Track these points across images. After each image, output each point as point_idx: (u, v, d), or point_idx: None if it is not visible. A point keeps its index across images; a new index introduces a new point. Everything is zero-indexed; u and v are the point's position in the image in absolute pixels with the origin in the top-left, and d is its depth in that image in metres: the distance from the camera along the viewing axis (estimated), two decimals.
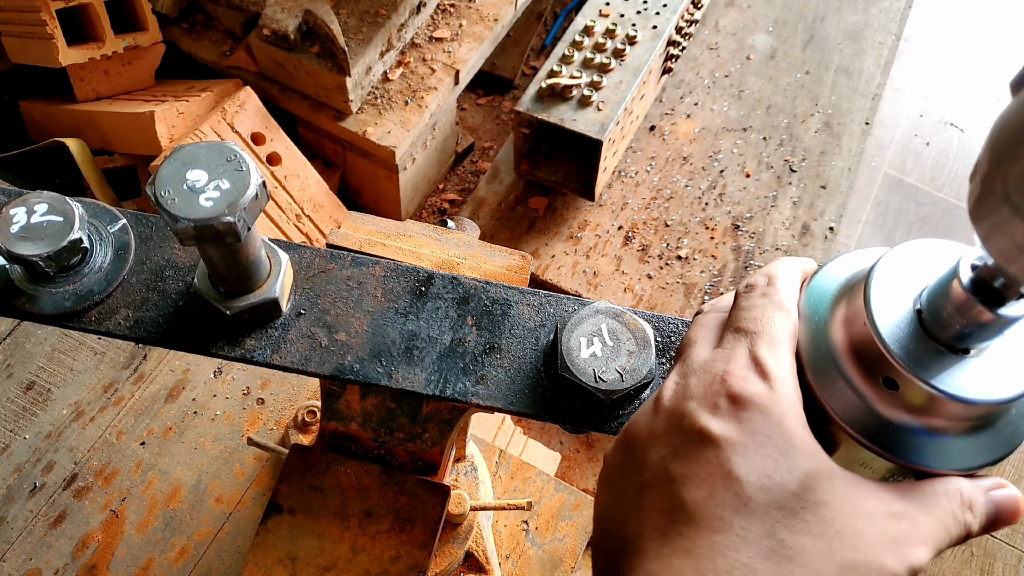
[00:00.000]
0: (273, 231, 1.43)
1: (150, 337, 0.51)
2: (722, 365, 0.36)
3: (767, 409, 0.35)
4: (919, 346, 0.34)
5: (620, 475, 0.38)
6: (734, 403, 0.35)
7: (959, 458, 0.36)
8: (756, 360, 0.36)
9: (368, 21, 1.46)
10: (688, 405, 0.36)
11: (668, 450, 0.36)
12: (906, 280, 0.36)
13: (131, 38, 1.43)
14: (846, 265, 0.40)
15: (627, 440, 0.39)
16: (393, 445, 0.61)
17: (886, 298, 0.36)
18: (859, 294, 0.36)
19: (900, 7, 1.90)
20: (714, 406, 0.35)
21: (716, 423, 0.35)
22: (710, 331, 0.40)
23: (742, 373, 0.36)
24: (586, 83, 1.44)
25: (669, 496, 0.34)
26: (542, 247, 1.56)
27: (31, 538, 0.90)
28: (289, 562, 0.58)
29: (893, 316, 0.35)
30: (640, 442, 0.37)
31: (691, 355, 0.39)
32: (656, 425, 0.37)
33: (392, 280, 0.55)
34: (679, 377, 0.38)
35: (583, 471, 1.40)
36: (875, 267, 0.37)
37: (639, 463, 0.37)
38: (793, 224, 1.59)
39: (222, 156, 0.43)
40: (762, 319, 0.38)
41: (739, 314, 0.39)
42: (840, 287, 0.39)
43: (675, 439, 0.36)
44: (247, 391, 1.00)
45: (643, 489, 0.36)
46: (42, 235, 0.49)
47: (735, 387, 0.35)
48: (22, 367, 1.00)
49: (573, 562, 1.00)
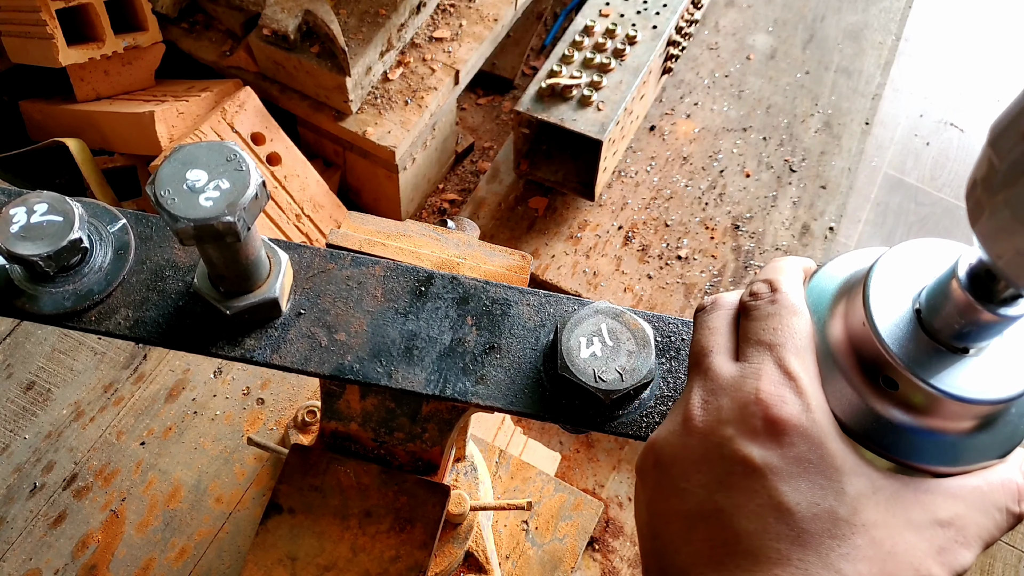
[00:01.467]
0: (273, 231, 1.43)
1: (150, 337, 0.51)
2: (753, 383, 0.36)
3: (807, 432, 0.34)
4: (918, 346, 0.34)
5: (660, 499, 0.38)
6: (773, 427, 0.34)
7: (959, 457, 0.36)
8: (788, 375, 0.36)
9: (368, 21, 1.46)
10: (725, 431, 0.35)
11: (710, 478, 0.35)
12: (905, 280, 0.36)
13: (131, 38, 1.43)
14: (845, 265, 0.40)
15: (658, 460, 0.38)
16: (393, 445, 0.61)
17: (885, 298, 0.36)
18: (858, 294, 0.36)
19: (900, 7, 1.90)
20: (753, 431, 0.35)
21: (758, 451, 0.34)
22: (723, 337, 0.40)
23: (777, 392, 0.35)
24: (586, 83, 1.44)
25: (720, 528, 0.34)
26: (542, 247, 1.56)
27: (31, 538, 0.90)
28: (289, 562, 0.58)
29: (892, 316, 0.35)
30: (676, 465, 0.37)
31: (713, 368, 0.38)
32: (691, 448, 0.37)
33: (392, 280, 0.55)
34: (707, 395, 0.37)
35: (583, 471, 1.40)
36: (874, 267, 0.36)
37: (679, 489, 0.36)
38: (793, 224, 1.59)
39: (222, 156, 0.43)
40: (781, 328, 0.37)
41: (755, 325, 0.38)
42: (839, 287, 0.39)
43: (717, 467, 0.35)
44: (247, 391, 1.00)
45: (691, 519, 0.35)
46: (42, 235, 0.49)
47: (773, 411, 0.35)
48: (22, 367, 1.00)
49: (573, 562, 1.00)
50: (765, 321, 0.38)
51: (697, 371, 0.39)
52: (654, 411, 0.51)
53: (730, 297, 0.42)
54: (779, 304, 0.38)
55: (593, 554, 1.24)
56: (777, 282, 0.40)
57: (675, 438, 0.38)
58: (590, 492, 1.36)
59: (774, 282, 0.40)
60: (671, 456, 0.37)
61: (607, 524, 1.30)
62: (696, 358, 0.40)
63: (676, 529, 0.36)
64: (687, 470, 0.36)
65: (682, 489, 0.36)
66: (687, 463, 0.36)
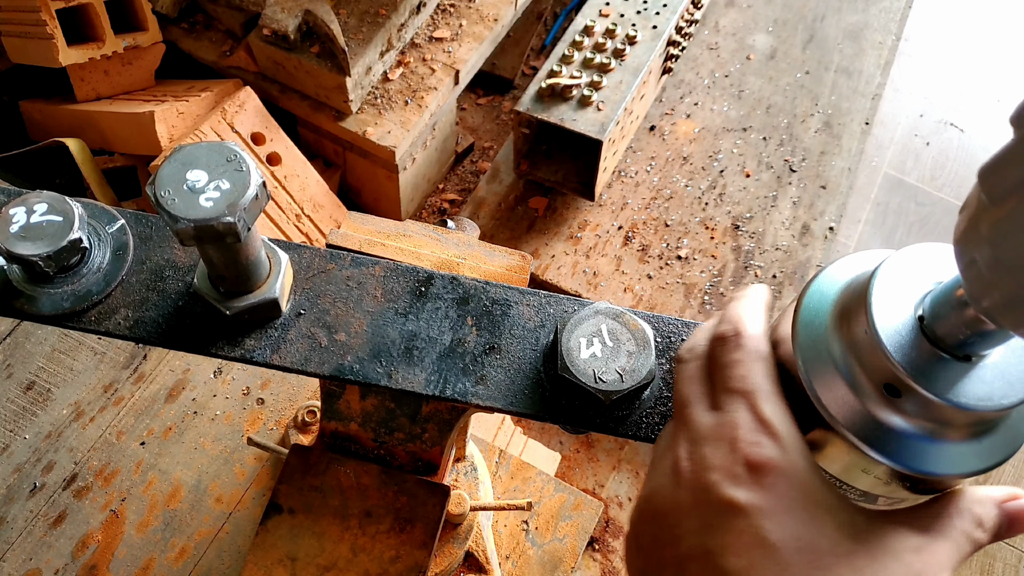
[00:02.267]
0: (273, 231, 1.43)
1: (150, 337, 0.51)
2: (730, 432, 0.38)
3: (785, 471, 0.36)
4: (921, 353, 0.34)
5: (655, 546, 0.39)
6: (754, 471, 0.36)
7: (961, 463, 0.36)
8: (761, 421, 0.37)
9: (368, 21, 1.46)
10: (710, 477, 0.37)
11: (699, 523, 0.37)
12: (908, 286, 0.36)
13: (131, 38, 1.43)
14: (846, 268, 0.40)
15: (653, 512, 0.40)
16: (393, 445, 0.61)
17: (887, 304, 0.36)
18: (860, 300, 0.36)
19: (900, 7, 1.90)
20: (735, 476, 0.36)
21: (741, 493, 0.36)
22: (699, 386, 0.42)
23: (753, 438, 0.37)
24: (586, 83, 1.44)
25: (711, 568, 0.36)
26: (542, 247, 1.56)
27: (31, 538, 0.90)
28: (289, 562, 0.58)
29: (895, 322, 0.35)
30: (669, 515, 0.39)
31: (693, 420, 0.40)
32: (681, 498, 0.38)
33: (392, 280, 0.55)
34: (690, 445, 0.39)
35: (583, 471, 1.40)
36: (876, 272, 0.36)
37: (672, 536, 0.38)
38: (793, 224, 1.59)
39: (222, 156, 0.43)
40: (749, 376, 0.39)
41: (724, 373, 0.40)
42: (840, 291, 0.39)
43: (705, 512, 0.37)
44: (247, 391, 1.00)
45: (683, 561, 0.37)
46: (41, 235, 0.49)
47: (752, 455, 0.37)
48: (22, 367, 1.00)
49: (573, 562, 1.00)
50: (733, 369, 0.40)
51: (680, 422, 0.41)
52: (654, 411, 0.51)
53: (700, 343, 0.44)
54: (744, 350, 0.40)
55: (593, 554, 1.24)
56: (739, 324, 0.41)
57: (666, 491, 0.40)
58: (590, 492, 1.36)
59: (736, 325, 0.41)
60: (663, 507, 0.39)
61: (607, 524, 1.30)
62: (678, 409, 0.42)
63: (670, 573, 0.38)
64: (679, 518, 0.38)
65: (675, 536, 0.38)
66: (679, 512, 0.38)
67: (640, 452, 1.42)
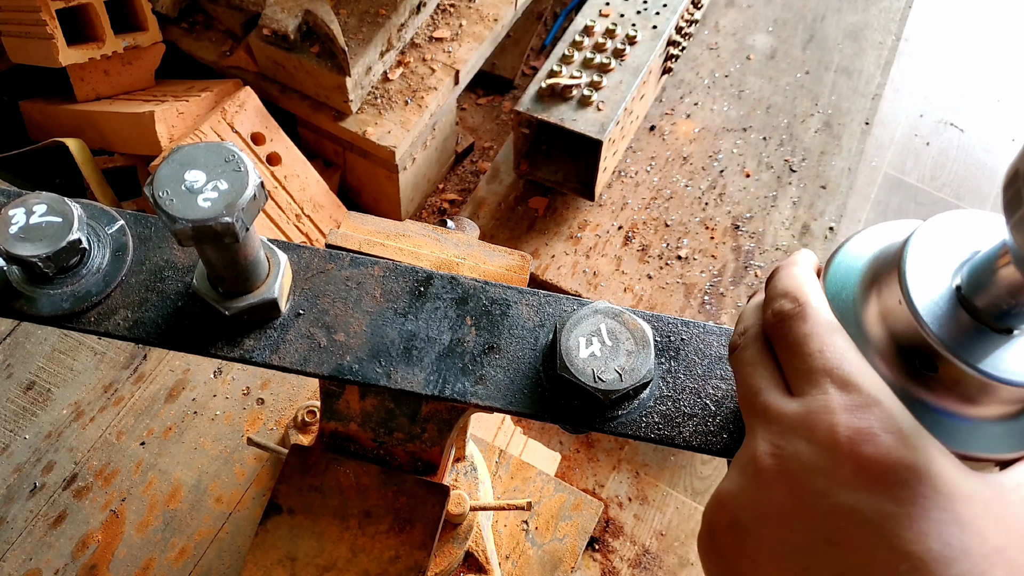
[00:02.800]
0: (273, 231, 1.43)
1: (149, 338, 0.51)
2: (826, 419, 0.31)
3: (910, 464, 0.30)
4: (959, 325, 0.32)
5: (749, 567, 0.33)
6: (870, 469, 0.30)
7: (997, 444, 0.33)
8: (862, 403, 0.31)
9: (368, 21, 1.46)
10: (816, 483, 0.31)
11: (814, 538, 0.31)
12: (943, 255, 0.33)
13: (131, 38, 1.43)
14: (870, 241, 0.38)
15: (735, 520, 0.34)
16: (392, 445, 0.61)
17: (922, 274, 0.33)
18: (893, 269, 0.33)
19: (900, 7, 1.90)
20: (849, 478, 0.30)
21: (864, 499, 0.30)
22: (767, 370, 0.36)
23: (859, 426, 0.31)
24: (586, 83, 1.44)
25: None
26: (542, 247, 1.56)
27: (31, 538, 0.90)
28: (288, 562, 0.58)
29: (930, 293, 0.32)
30: (763, 526, 0.32)
31: (771, 409, 0.34)
32: (776, 504, 0.32)
33: (391, 280, 0.55)
34: (776, 439, 0.33)
35: (583, 471, 1.40)
36: (909, 240, 0.34)
37: (775, 553, 0.32)
38: (793, 224, 1.59)
39: (220, 156, 0.43)
40: (827, 349, 0.33)
41: (797, 351, 0.34)
42: (868, 264, 0.37)
43: (818, 524, 0.31)
44: (247, 391, 1.00)
45: None
46: (41, 236, 0.49)
47: (863, 449, 0.30)
48: (22, 367, 1.00)
49: (573, 562, 1.00)
50: (806, 345, 0.34)
51: (753, 414, 0.35)
52: (653, 411, 0.51)
53: (753, 324, 0.39)
54: (812, 322, 0.34)
55: (593, 554, 1.24)
56: (801, 295, 0.36)
57: (751, 494, 0.33)
58: (590, 492, 1.36)
59: (796, 295, 0.36)
60: (751, 515, 0.33)
61: (607, 524, 1.30)
62: (747, 400, 0.36)
63: None
64: (780, 531, 0.32)
65: (778, 554, 0.32)
66: (776, 522, 0.32)
67: (640, 452, 1.42)
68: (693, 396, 0.51)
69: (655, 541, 1.29)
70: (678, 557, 1.28)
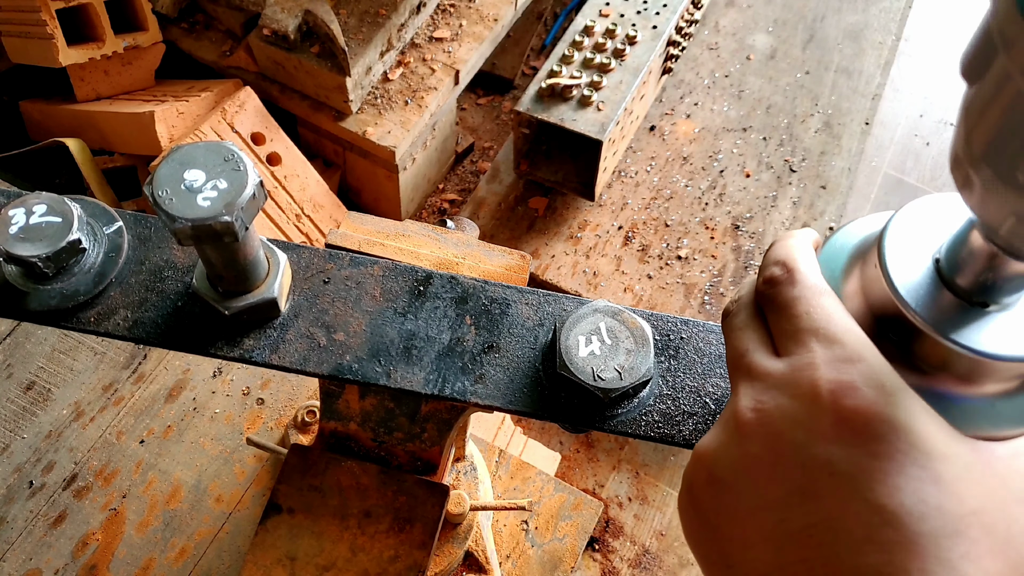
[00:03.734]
0: (273, 231, 1.43)
1: (149, 337, 0.51)
2: (808, 375, 0.31)
3: (889, 418, 0.30)
4: (934, 297, 0.32)
5: (729, 520, 0.33)
6: (850, 421, 0.30)
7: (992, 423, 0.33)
8: (843, 358, 0.31)
9: (368, 21, 1.46)
10: (795, 435, 0.31)
11: (789, 490, 0.31)
12: (923, 234, 0.34)
13: (131, 38, 1.43)
14: (856, 230, 0.38)
15: (713, 475, 0.34)
16: (392, 445, 0.61)
17: (902, 253, 0.33)
18: (873, 253, 0.34)
19: (900, 7, 1.90)
20: (827, 430, 0.30)
21: (840, 451, 0.30)
22: (755, 333, 0.36)
23: (841, 379, 0.31)
24: (586, 83, 1.44)
25: (817, 547, 0.29)
26: (542, 247, 1.56)
27: (31, 538, 0.90)
28: (288, 562, 0.58)
29: (911, 272, 0.33)
30: (741, 479, 0.32)
31: (755, 367, 0.34)
32: (755, 457, 0.32)
33: (391, 280, 0.55)
34: (758, 395, 0.33)
35: (583, 471, 1.40)
36: (889, 223, 0.34)
37: (752, 506, 0.32)
38: (793, 224, 1.58)
39: (220, 156, 0.43)
40: (815, 311, 0.33)
41: (785, 313, 0.35)
42: (852, 251, 0.37)
43: (794, 476, 0.31)
44: (247, 391, 1.00)
45: (776, 541, 0.31)
46: (41, 236, 0.49)
47: (844, 401, 0.30)
48: (22, 367, 1.00)
49: (573, 562, 1.00)
50: (794, 307, 0.34)
51: (738, 374, 0.35)
52: (653, 409, 0.51)
53: (747, 292, 0.39)
54: (801, 285, 0.35)
55: (593, 554, 1.24)
56: (791, 262, 0.36)
57: (730, 449, 0.33)
58: (590, 492, 1.36)
59: (787, 263, 0.36)
60: (730, 469, 0.33)
61: (607, 524, 1.30)
62: (734, 362, 0.36)
63: (760, 554, 0.31)
64: (757, 484, 0.32)
65: (754, 506, 0.32)
66: (754, 476, 0.32)
67: (640, 452, 1.42)
68: (692, 395, 0.51)
69: (655, 541, 1.29)
70: (678, 557, 1.28)
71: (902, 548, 0.28)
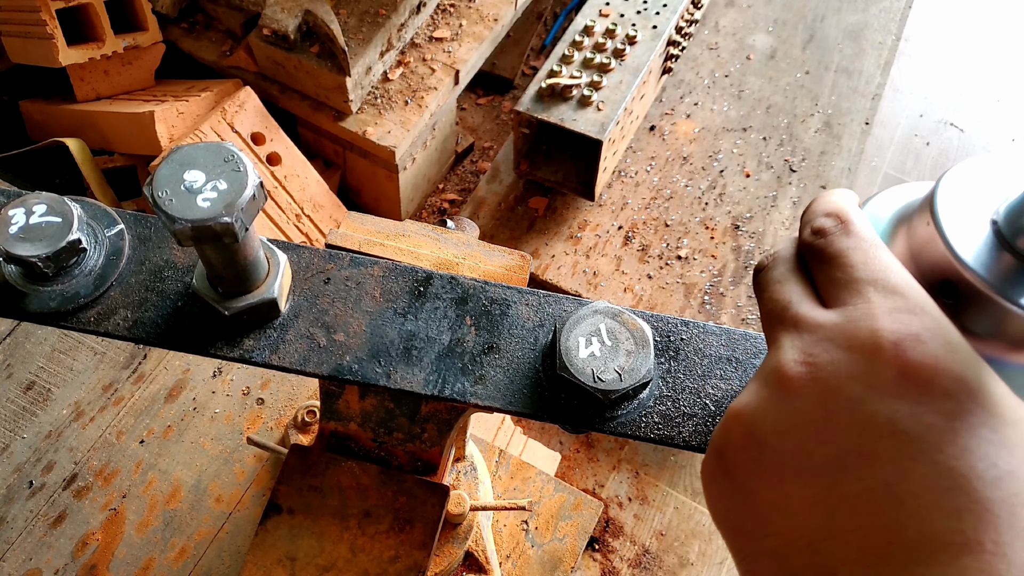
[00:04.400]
0: (273, 231, 1.43)
1: (149, 337, 0.51)
2: (868, 325, 0.28)
3: (959, 374, 0.27)
4: (999, 263, 0.30)
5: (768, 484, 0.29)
6: (915, 375, 0.27)
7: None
8: (909, 308, 0.28)
9: (368, 21, 1.46)
10: (851, 389, 0.28)
11: (843, 450, 0.28)
12: (977, 195, 0.32)
13: (131, 38, 1.43)
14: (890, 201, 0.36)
15: (752, 434, 0.30)
16: (392, 445, 0.61)
17: (956, 215, 0.31)
18: (924, 215, 0.32)
19: (900, 7, 1.90)
20: (889, 385, 0.27)
21: (906, 408, 0.27)
22: (799, 285, 0.33)
23: (906, 330, 0.28)
24: (586, 83, 1.44)
25: (875, 513, 0.27)
26: (542, 247, 1.56)
27: (31, 538, 0.90)
28: (288, 562, 0.58)
29: (967, 232, 0.31)
30: (786, 439, 0.29)
31: (804, 318, 0.31)
32: (802, 415, 0.29)
33: (391, 280, 0.55)
34: (807, 347, 0.30)
35: (583, 471, 1.40)
36: (941, 181, 0.32)
37: (799, 468, 0.29)
38: (793, 224, 1.59)
39: (220, 156, 0.43)
40: (871, 261, 0.30)
41: (838, 262, 0.31)
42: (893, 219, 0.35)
43: (850, 436, 0.28)
44: (247, 391, 1.00)
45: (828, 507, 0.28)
46: (41, 236, 0.49)
47: (910, 354, 0.27)
48: (22, 367, 1.00)
49: (573, 562, 1.00)
50: (848, 257, 0.31)
51: (782, 327, 0.32)
52: (653, 411, 0.51)
53: (785, 247, 0.36)
54: (856, 236, 0.32)
55: (593, 554, 1.24)
56: (843, 213, 0.33)
57: (772, 405, 0.30)
58: (590, 492, 1.36)
59: (840, 214, 0.33)
60: (773, 429, 0.30)
61: (607, 524, 1.30)
62: (775, 315, 0.33)
63: (806, 521, 0.28)
64: (805, 444, 0.28)
65: (801, 469, 0.28)
66: (802, 435, 0.29)
67: (640, 452, 1.42)
68: (693, 396, 0.51)
69: (655, 541, 1.29)
70: (678, 557, 1.28)
71: (974, 515, 0.25)
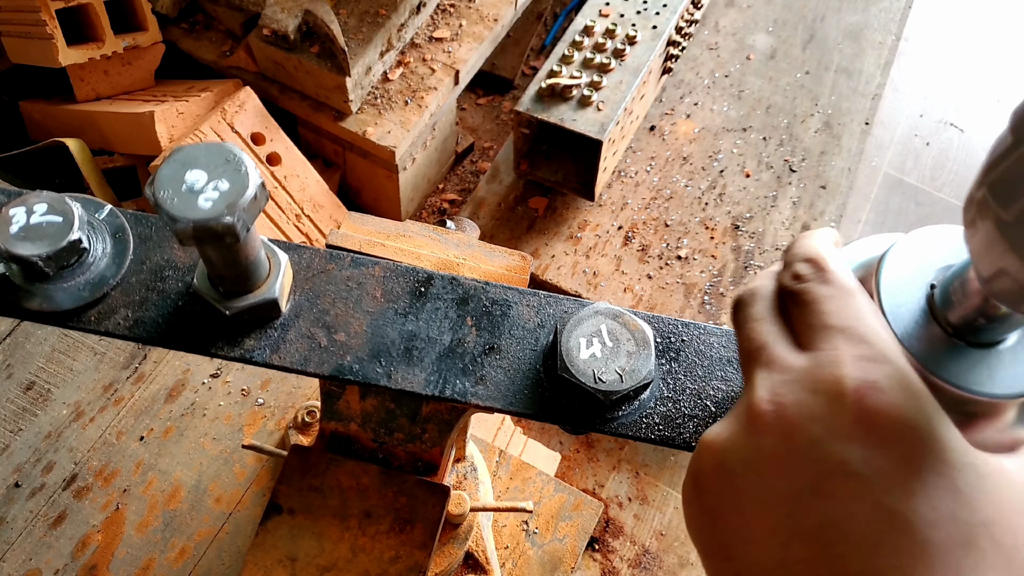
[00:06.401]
0: (273, 231, 1.43)
1: (149, 337, 0.51)
2: (833, 371, 0.31)
3: (911, 423, 0.29)
4: (927, 334, 0.32)
5: (732, 512, 0.32)
6: (870, 421, 0.29)
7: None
8: (874, 357, 0.30)
9: (368, 21, 1.46)
10: (811, 430, 0.30)
11: (799, 486, 0.30)
12: (920, 269, 0.34)
13: (131, 38, 1.43)
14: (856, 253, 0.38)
15: (722, 465, 0.33)
16: (393, 445, 0.61)
17: (898, 289, 0.33)
18: (871, 278, 0.34)
19: (900, 7, 1.90)
20: (846, 428, 0.29)
21: (858, 451, 0.29)
22: (775, 326, 0.35)
23: (867, 377, 0.30)
24: (586, 83, 1.44)
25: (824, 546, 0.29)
26: (542, 247, 1.56)
27: (31, 538, 0.90)
28: (288, 562, 0.58)
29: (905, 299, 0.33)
30: (750, 471, 0.32)
31: (777, 359, 0.33)
32: (767, 450, 0.31)
33: (391, 281, 0.55)
34: (777, 387, 0.32)
35: (583, 471, 1.40)
36: (886, 255, 0.35)
37: (759, 499, 0.31)
38: (793, 224, 1.58)
39: (221, 157, 0.43)
40: (845, 310, 0.32)
41: (812, 309, 0.33)
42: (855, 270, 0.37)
43: (806, 472, 0.30)
44: (247, 391, 1.00)
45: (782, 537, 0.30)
46: (41, 235, 0.49)
47: (868, 401, 0.29)
48: (22, 367, 1.00)
49: (573, 562, 1.00)
50: (822, 304, 0.33)
51: (757, 364, 0.34)
52: (654, 412, 0.51)
53: (765, 284, 0.38)
54: (833, 285, 0.34)
55: (593, 554, 1.24)
56: (821, 260, 0.35)
57: (741, 439, 0.32)
58: (590, 492, 1.36)
59: (817, 260, 0.35)
60: (740, 460, 0.32)
61: (607, 524, 1.30)
62: (751, 353, 0.35)
63: (763, 550, 0.31)
64: (766, 476, 0.31)
65: (762, 500, 0.31)
66: (764, 468, 0.31)
67: (640, 452, 1.42)
68: (693, 397, 0.51)
69: (655, 541, 1.29)
70: (678, 557, 1.28)
71: (911, 555, 0.27)
